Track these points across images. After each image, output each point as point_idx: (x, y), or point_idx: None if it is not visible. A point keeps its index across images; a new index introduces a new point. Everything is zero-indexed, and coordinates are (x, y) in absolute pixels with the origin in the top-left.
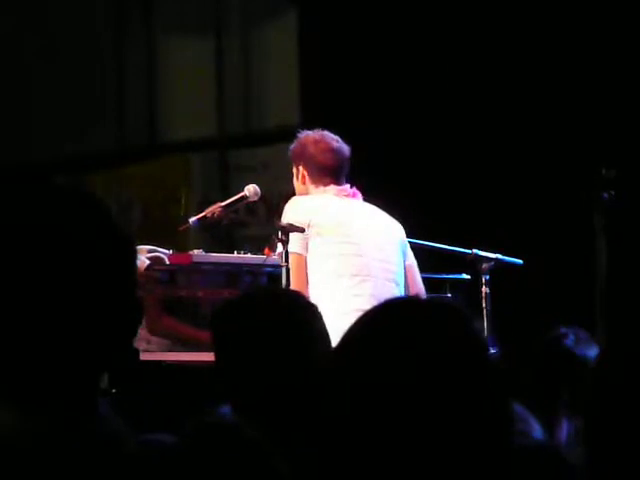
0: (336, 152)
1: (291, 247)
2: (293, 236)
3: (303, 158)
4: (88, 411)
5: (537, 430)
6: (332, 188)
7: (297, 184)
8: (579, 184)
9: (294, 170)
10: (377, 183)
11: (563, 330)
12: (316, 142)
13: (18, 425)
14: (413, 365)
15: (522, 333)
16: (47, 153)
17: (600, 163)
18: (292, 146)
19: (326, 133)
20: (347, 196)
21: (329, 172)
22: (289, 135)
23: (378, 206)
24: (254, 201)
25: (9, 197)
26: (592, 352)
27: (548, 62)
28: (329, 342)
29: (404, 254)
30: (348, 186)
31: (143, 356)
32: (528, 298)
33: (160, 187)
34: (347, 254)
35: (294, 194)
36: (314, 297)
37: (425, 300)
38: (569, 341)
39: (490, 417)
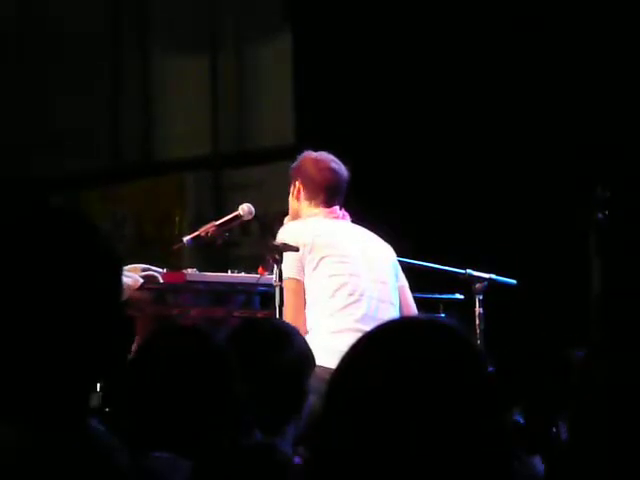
0: (334, 172)
1: (287, 272)
2: (288, 260)
3: (301, 174)
4: (78, 428)
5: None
6: (321, 210)
7: (291, 200)
8: (574, 204)
9: (291, 187)
10: (371, 202)
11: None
12: (316, 161)
13: (7, 441)
14: (413, 385)
15: (516, 353)
16: (43, 170)
17: (595, 183)
18: (294, 163)
19: (327, 154)
20: (336, 218)
21: (324, 191)
22: (283, 154)
23: (372, 225)
24: (248, 220)
25: None
26: None
27: (543, 82)
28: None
29: (396, 276)
30: (337, 208)
31: None
32: (522, 318)
33: (154, 206)
34: (342, 274)
35: (288, 212)
36: (309, 316)
37: (424, 320)
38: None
39: (490, 434)
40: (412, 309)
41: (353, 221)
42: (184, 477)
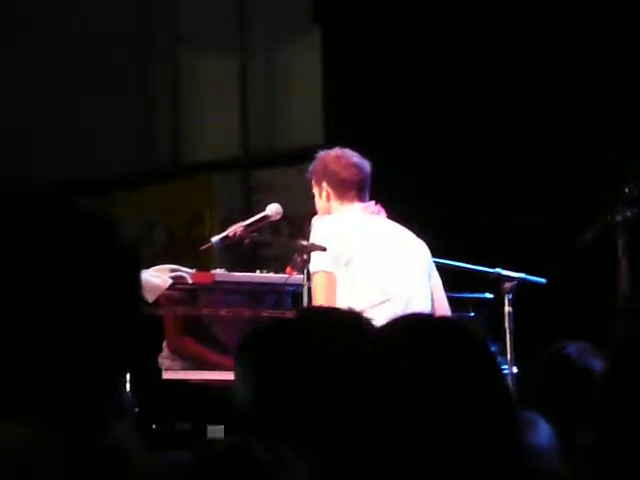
0: (358, 167)
1: (318, 265)
2: (320, 254)
3: (326, 175)
4: (97, 426)
5: (544, 434)
6: (357, 205)
7: (320, 202)
8: (602, 202)
9: (315, 189)
10: (400, 202)
11: (565, 342)
12: (337, 158)
13: (29, 439)
14: (418, 381)
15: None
16: (73, 172)
17: (624, 181)
18: (312, 165)
19: (345, 149)
20: (372, 213)
21: (353, 187)
22: (313, 155)
23: (402, 224)
24: (276, 220)
25: (14, 214)
26: (596, 363)
27: (571, 83)
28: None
29: (429, 274)
30: (372, 203)
31: (165, 374)
32: (551, 317)
33: (184, 207)
34: (373, 272)
35: (316, 214)
36: None
37: (432, 319)
38: (570, 350)
39: (494, 429)
40: (444, 308)
41: (387, 217)
42: None
